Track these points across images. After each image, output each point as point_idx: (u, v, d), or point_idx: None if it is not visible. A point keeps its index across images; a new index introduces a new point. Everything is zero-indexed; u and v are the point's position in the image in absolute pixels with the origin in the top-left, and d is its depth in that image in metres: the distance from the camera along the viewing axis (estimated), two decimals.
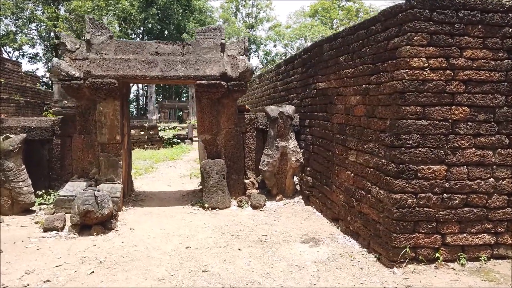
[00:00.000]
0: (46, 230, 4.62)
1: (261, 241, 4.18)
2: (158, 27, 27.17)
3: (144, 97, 37.93)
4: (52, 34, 27.72)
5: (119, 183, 5.73)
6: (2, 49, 26.03)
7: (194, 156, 11.90)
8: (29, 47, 31.52)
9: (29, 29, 28.56)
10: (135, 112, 37.73)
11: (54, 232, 4.59)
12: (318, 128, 5.38)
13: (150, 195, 6.71)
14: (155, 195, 6.76)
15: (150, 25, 28.49)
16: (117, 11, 27.10)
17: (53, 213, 5.43)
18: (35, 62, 32.67)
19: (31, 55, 32.63)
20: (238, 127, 6.07)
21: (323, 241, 4.15)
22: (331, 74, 4.93)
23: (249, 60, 6.11)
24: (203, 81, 5.69)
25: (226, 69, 5.81)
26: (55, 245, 4.18)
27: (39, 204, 5.65)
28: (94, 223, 4.56)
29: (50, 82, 30.56)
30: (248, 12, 48.16)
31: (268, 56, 49.43)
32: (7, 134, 5.49)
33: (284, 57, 49.23)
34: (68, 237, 4.43)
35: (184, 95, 40.71)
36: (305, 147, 5.86)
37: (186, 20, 27.93)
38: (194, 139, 14.66)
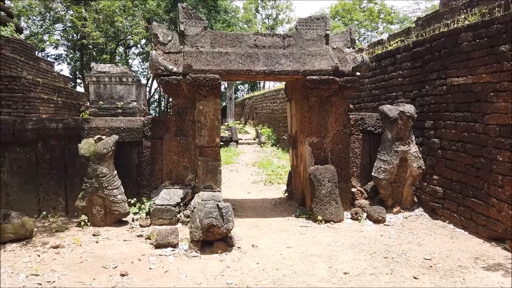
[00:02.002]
0: (158, 246, 4.01)
1: (430, 266, 3.49)
2: None
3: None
4: (74, 35, 27.38)
5: (219, 190, 5.11)
6: None
7: (248, 160, 11.26)
8: (53, 48, 31.33)
9: (54, 30, 28.30)
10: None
11: (170, 249, 3.97)
12: (453, 130, 4.69)
13: (236, 203, 6.07)
14: (241, 203, 6.12)
15: (175, 26, 28.01)
16: (144, 12, 26.70)
17: (149, 225, 4.84)
18: (60, 63, 32.32)
19: (55, 56, 32.37)
20: (346, 129, 5.41)
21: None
22: (479, 68, 4.24)
23: None
24: (314, 77, 5.05)
25: (336, 63, 5.17)
26: (182, 266, 3.56)
27: (133, 214, 5.05)
28: (216, 238, 3.93)
29: (74, 83, 30.41)
30: (267, 13, 47.60)
31: None
32: (99, 136, 4.91)
33: None
34: (190, 256, 3.80)
35: None
36: (427, 152, 5.17)
37: (212, 20, 27.37)
38: (239, 141, 14.04)
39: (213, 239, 3.93)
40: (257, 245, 4.15)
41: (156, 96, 37.09)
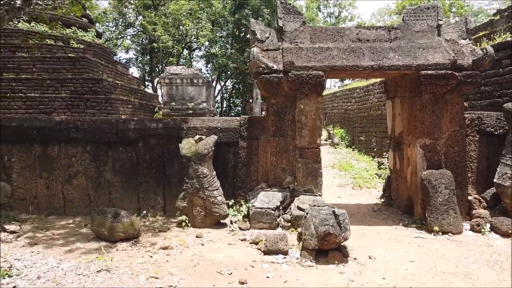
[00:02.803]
0: (268, 253, 3.80)
1: None
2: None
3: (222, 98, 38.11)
4: (144, 39, 28.66)
5: (319, 195, 4.81)
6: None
7: (324, 162, 10.79)
8: (124, 52, 33.23)
9: (125, 35, 29.97)
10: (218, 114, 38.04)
11: (281, 256, 3.74)
12: None
13: None
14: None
15: (240, 27, 28.31)
16: (209, 14, 27.29)
17: (249, 228, 4.66)
18: (130, 67, 34.23)
19: (125, 60, 34.29)
20: (462, 130, 4.84)
21: None
22: None
23: None
24: (430, 71, 4.55)
25: (454, 56, 4.62)
26: (300, 276, 3.30)
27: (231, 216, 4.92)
28: (331, 248, 3.63)
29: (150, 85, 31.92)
30: (329, 11, 46.55)
31: None
32: (200, 136, 4.84)
33: None
34: (305, 265, 3.53)
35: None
36: None
37: (275, 21, 27.27)
38: None
39: (328, 248, 3.63)
40: (374, 256, 3.78)
41: (218, 98, 37.78)
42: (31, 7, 6.98)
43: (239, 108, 42.34)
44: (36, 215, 5.18)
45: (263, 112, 20.44)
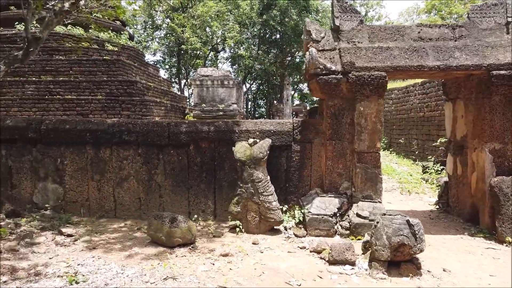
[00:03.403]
0: (334, 263, 3.62)
1: None
2: (279, 28, 26.63)
3: (247, 100, 38.09)
4: (172, 41, 28.92)
5: (379, 201, 4.60)
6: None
7: None
8: (151, 54, 33.71)
9: (154, 37, 30.34)
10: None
11: (349, 267, 3.55)
12: None
13: None
14: None
15: (266, 28, 28.21)
16: (236, 16, 27.30)
17: (305, 235, 4.50)
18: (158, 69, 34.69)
19: (153, 62, 34.79)
20: None
21: None
22: None
23: None
24: (503, 72, 4.27)
25: None
26: None
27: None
28: (405, 259, 3.42)
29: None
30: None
31: None
32: (254, 139, 4.71)
33: None
34: (377, 277, 3.34)
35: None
36: None
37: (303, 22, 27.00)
38: None
39: (401, 260, 3.42)
40: (448, 269, 3.54)
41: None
42: (78, 9, 7.05)
43: (263, 110, 42.23)
44: (87, 217, 5.19)
45: (295, 115, 20.24)
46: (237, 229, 4.60)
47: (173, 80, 34.04)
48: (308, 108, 30.13)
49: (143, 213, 5.20)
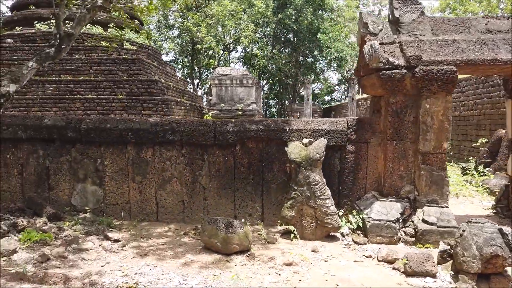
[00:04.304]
0: (412, 274, 3.31)
1: None
2: (294, 27, 26.33)
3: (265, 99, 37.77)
4: (185, 41, 28.73)
5: (446, 206, 4.27)
6: None
7: None
8: (164, 54, 33.53)
9: (168, 37, 30.27)
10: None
11: (431, 279, 3.24)
12: None
13: None
14: None
15: (281, 27, 27.94)
16: (250, 14, 27.05)
17: (366, 243, 4.19)
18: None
19: (166, 61, 34.65)
20: None
21: None
22: None
23: None
24: None
25: None
26: None
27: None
28: (496, 272, 3.09)
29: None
30: (369, 10, 45.41)
31: None
32: (310, 139, 4.42)
33: None
34: None
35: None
36: None
37: (320, 20, 26.64)
38: None
39: (491, 272, 3.10)
40: None
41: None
42: (110, 5, 6.80)
43: (273, 110, 41.90)
44: (128, 221, 4.94)
45: (315, 115, 19.93)
46: (292, 235, 4.30)
47: (187, 80, 33.91)
48: (322, 108, 29.78)
49: (186, 216, 4.94)
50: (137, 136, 4.85)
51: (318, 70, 32.34)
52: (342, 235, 4.40)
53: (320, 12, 28.39)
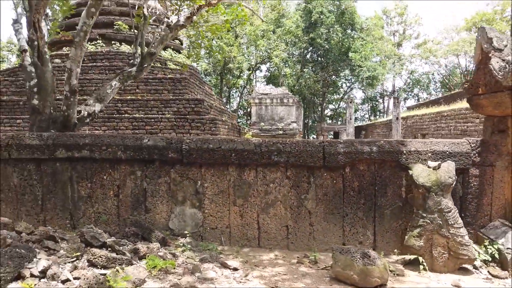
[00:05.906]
0: None
1: None
2: (326, 46, 26.33)
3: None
4: (214, 61, 28.98)
5: None
6: None
7: None
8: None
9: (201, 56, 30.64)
10: None
11: None
12: None
13: None
14: None
15: (311, 46, 28.00)
16: (281, 34, 27.21)
17: (507, 277, 3.80)
18: None
19: None
20: None
21: None
22: None
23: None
24: None
25: None
26: None
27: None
28: None
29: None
30: (393, 30, 45.38)
31: (413, 75, 45.58)
32: (439, 162, 4.11)
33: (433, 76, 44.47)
34: None
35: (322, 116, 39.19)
36: None
37: (351, 39, 26.61)
38: None
39: None
40: None
41: None
42: (191, 24, 6.74)
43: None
44: (228, 246, 4.67)
45: (333, 134, 19.53)
46: (421, 267, 3.95)
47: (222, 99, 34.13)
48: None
49: (290, 242, 4.64)
50: (241, 157, 4.62)
51: (345, 89, 32.14)
52: (475, 267, 4.02)
53: (349, 31, 28.40)
